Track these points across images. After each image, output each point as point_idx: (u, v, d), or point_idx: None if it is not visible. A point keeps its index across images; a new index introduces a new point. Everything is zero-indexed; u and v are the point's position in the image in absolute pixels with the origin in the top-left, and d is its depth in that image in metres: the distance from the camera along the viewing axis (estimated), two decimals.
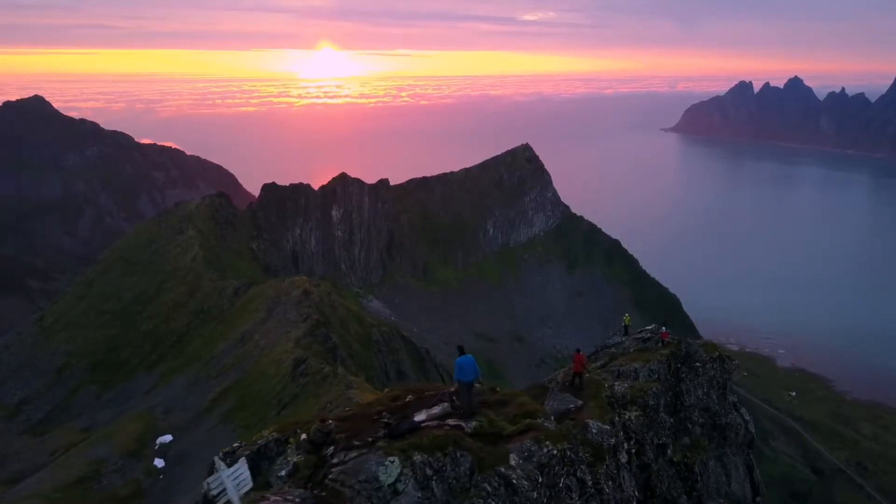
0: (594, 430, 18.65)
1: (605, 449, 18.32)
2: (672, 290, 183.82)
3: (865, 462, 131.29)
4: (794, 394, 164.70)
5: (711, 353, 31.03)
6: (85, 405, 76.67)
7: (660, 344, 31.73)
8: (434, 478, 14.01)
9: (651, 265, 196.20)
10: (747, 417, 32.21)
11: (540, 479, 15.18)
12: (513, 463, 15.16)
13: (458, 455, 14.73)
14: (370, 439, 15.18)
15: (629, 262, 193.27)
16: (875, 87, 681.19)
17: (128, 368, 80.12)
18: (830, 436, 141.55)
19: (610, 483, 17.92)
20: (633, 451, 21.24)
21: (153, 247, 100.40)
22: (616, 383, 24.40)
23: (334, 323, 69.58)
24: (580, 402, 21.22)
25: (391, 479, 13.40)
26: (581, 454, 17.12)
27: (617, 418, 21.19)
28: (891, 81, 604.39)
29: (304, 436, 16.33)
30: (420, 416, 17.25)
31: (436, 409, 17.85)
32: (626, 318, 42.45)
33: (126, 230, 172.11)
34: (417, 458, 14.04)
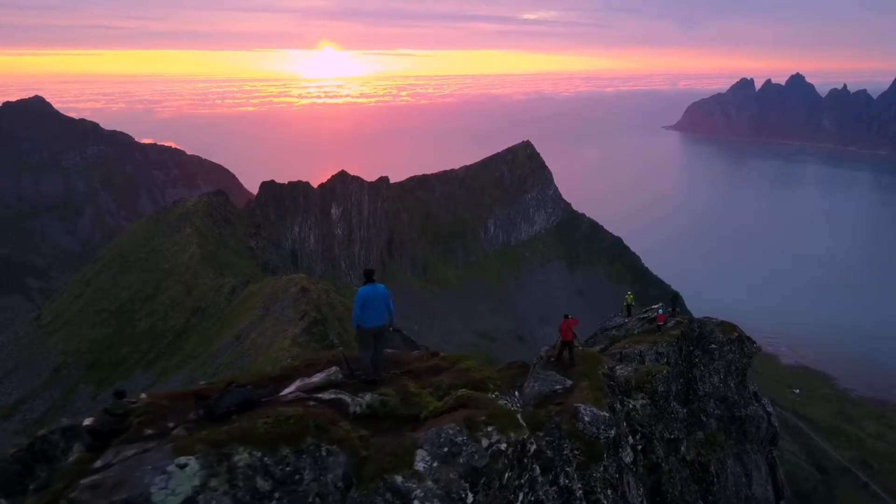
0: (587, 419, 14.47)
1: (603, 444, 14.27)
2: (674, 287, 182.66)
3: (870, 460, 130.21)
4: (797, 391, 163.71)
5: (729, 335, 26.75)
6: (81, 405, 75.86)
7: (656, 327, 27.64)
8: (274, 495, 7.60)
9: (653, 263, 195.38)
10: (769, 409, 28.15)
11: (470, 498, 8.37)
12: (420, 467, 8.48)
13: (323, 453, 8.31)
14: (171, 425, 8.83)
15: (631, 261, 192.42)
16: (877, 84, 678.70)
17: (124, 367, 79.39)
18: (835, 434, 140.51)
19: (609, 492, 13.77)
20: (640, 447, 17.60)
21: (150, 245, 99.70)
22: (618, 367, 20.41)
23: (332, 321, 68.70)
24: (570, 383, 16.98)
25: (176, 499, 7.12)
26: (566, 452, 12.22)
27: (619, 406, 17.34)
28: (893, 78, 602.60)
29: (87, 421, 9.63)
30: (288, 389, 10.55)
31: (316, 377, 11.05)
32: (629, 296, 36.66)
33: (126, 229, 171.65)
34: (241, 457, 7.71)
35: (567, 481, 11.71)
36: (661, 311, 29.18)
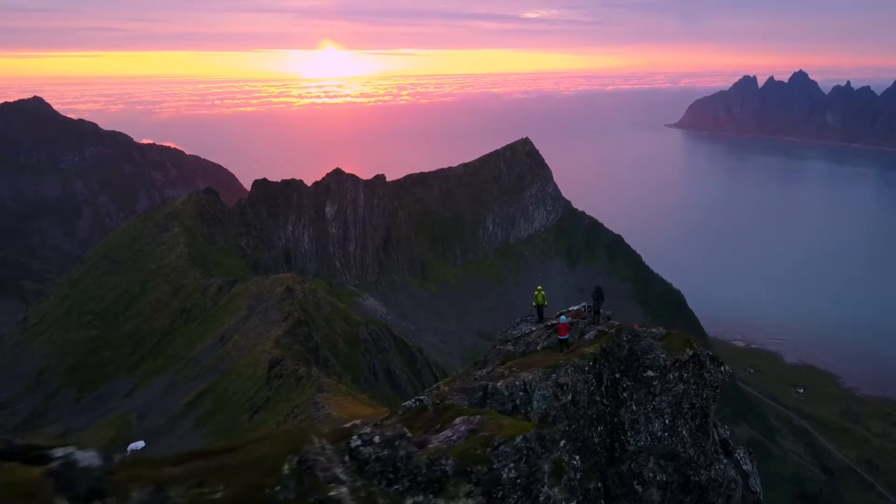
0: None
1: None
2: (676, 285, 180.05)
3: (876, 460, 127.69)
4: (801, 390, 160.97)
5: (679, 354, 16.97)
6: (63, 409, 73.92)
7: (560, 342, 17.85)
8: None
9: (655, 261, 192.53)
10: (746, 465, 18.46)
11: None
12: None
13: None
14: None
15: (632, 258, 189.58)
16: (881, 81, 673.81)
17: (108, 370, 77.33)
18: (840, 433, 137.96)
19: None
20: None
21: (138, 245, 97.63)
22: (455, 423, 10.98)
23: (318, 321, 66.56)
24: None
25: None
26: None
27: None
28: None
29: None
30: None
31: None
32: (538, 292, 24.01)
33: None
34: None
35: None
36: (563, 318, 18.74)
